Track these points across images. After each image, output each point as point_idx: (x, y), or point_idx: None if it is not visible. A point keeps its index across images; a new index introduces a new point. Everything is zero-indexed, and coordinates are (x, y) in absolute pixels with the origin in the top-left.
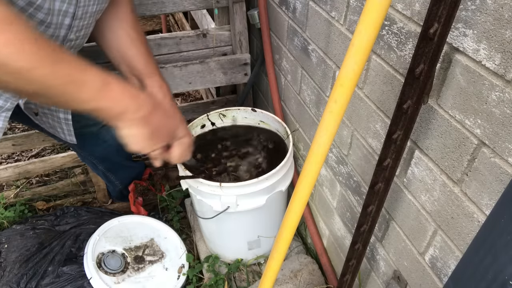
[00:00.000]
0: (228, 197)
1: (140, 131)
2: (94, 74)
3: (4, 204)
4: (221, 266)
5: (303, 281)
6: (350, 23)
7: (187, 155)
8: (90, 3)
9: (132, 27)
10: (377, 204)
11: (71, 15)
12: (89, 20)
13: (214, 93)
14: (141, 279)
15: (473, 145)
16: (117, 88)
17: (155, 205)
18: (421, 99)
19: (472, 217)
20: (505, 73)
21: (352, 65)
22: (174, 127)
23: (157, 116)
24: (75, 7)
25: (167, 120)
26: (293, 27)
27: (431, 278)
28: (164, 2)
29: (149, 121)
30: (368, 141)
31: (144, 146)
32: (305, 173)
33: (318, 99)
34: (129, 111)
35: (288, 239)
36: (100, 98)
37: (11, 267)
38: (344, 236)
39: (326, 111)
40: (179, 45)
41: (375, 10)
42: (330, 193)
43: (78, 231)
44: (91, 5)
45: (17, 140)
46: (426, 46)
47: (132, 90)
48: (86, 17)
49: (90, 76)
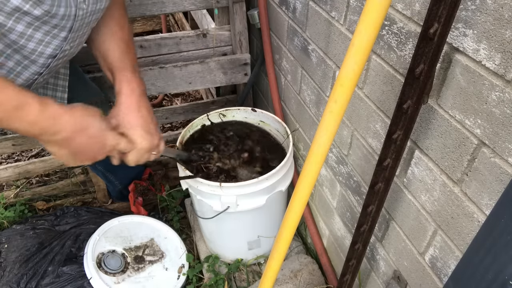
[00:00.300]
0: (228, 197)
1: (60, 152)
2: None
3: (4, 204)
4: (221, 266)
5: (303, 281)
6: (350, 23)
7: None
8: (87, 15)
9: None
10: (377, 204)
11: (68, 29)
12: (84, 30)
13: (214, 93)
14: (141, 279)
15: (473, 145)
16: (34, 111)
17: (155, 205)
18: (421, 99)
19: (472, 217)
20: (505, 73)
21: (352, 65)
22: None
23: (78, 140)
24: (73, 21)
25: (92, 143)
26: (293, 27)
27: (431, 278)
28: (164, 2)
29: (69, 144)
30: (368, 141)
31: (67, 162)
32: (305, 173)
33: (318, 99)
34: (46, 133)
35: (288, 239)
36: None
37: (11, 267)
38: (344, 236)
39: (326, 111)
40: (179, 45)
41: (375, 10)
42: (330, 193)
43: (78, 231)
44: (87, 16)
45: (17, 140)
46: (426, 46)
47: (54, 112)
48: (83, 28)
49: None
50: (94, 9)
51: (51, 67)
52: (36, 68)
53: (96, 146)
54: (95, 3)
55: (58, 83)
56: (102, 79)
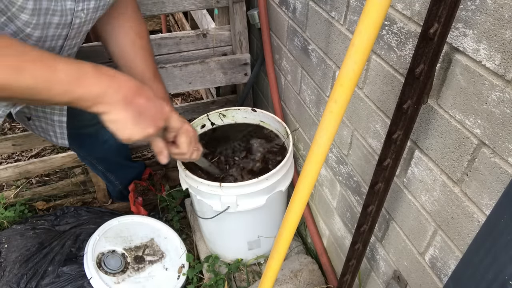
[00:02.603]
0: (228, 197)
1: (124, 115)
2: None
3: (4, 204)
4: (221, 266)
5: (303, 281)
6: (350, 23)
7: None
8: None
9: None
10: (377, 204)
11: (63, 37)
12: (82, 37)
13: (214, 93)
14: (141, 279)
15: (473, 145)
16: (93, 73)
17: (155, 205)
18: (421, 99)
19: (472, 217)
20: (505, 73)
21: (352, 65)
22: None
23: (140, 98)
24: (69, 29)
25: (152, 103)
26: (293, 27)
27: (431, 278)
28: (164, 2)
29: (132, 101)
30: (368, 141)
31: (132, 131)
32: (305, 173)
33: (318, 99)
34: (107, 93)
35: (288, 239)
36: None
37: (11, 267)
38: (344, 236)
39: (326, 111)
40: (179, 45)
41: (375, 10)
42: (330, 193)
43: (78, 231)
44: (85, 25)
45: (17, 140)
46: (426, 46)
47: (110, 72)
48: (80, 35)
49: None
50: (93, 18)
51: None
52: None
53: (154, 109)
54: (94, 12)
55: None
56: None
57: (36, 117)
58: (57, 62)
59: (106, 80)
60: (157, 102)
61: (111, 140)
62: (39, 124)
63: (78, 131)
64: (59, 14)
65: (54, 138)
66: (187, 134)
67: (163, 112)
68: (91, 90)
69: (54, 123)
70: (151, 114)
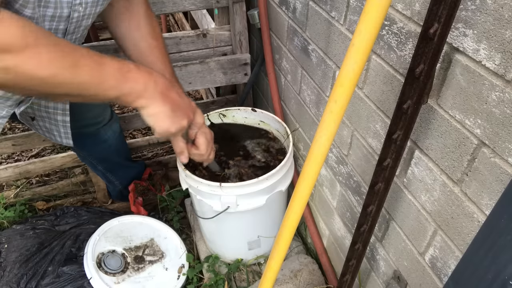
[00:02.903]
0: (228, 197)
1: (162, 108)
2: (112, 63)
3: (4, 204)
4: (221, 266)
5: (303, 281)
6: (350, 23)
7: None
8: (84, 17)
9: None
10: (377, 204)
11: (62, 32)
12: (82, 33)
13: (214, 93)
14: (141, 279)
15: (473, 145)
16: (135, 69)
17: (155, 205)
18: (421, 99)
19: (472, 217)
20: (505, 73)
21: (352, 65)
22: (190, 104)
23: (173, 93)
24: (67, 23)
25: (182, 97)
26: (293, 27)
27: (431, 278)
28: (164, 2)
29: (168, 96)
30: (368, 141)
31: (169, 123)
32: (305, 173)
33: (318, 99)
34: (149, 87)
35: (288, 239)
36: (122, 83)
37: (11, 267)
38: (344, 236)
39: (326, 111)
40: (179, 45)
41: (375, 10)
42: (330, 193)
43: (78, 231)
44: (84, 19)
45: (17, 140)
46: (426, 46)
47: (147, 68)
48: (79, 31)
49: (109, 67)
50: (92, 12)
51: None
52: None
53: (185, 103)
54: (93, 6)
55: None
56: None
57: (40, 117)
58: (103, 57)
59: (146, 76)
60: (185, 97)
61: (110, 140)
62: (43, 124)
63: (80, 131)
64: (52, 6)
65: (59, 137)
66: (205, 136)
67: (192, 106)
68: (136, 85)
69: (58, 123)
70: (184, 107)
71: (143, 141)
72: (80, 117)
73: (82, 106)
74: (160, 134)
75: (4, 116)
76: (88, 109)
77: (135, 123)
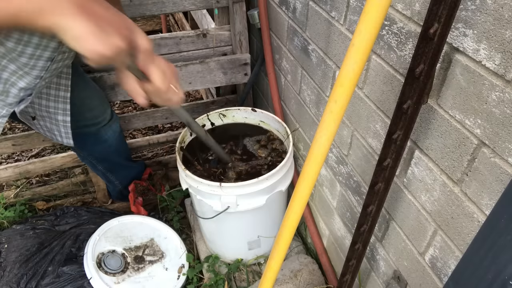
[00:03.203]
0: (228, 197)
1: (84, 24)
2: None
3: (4, 204)
4: (221, 266)
5: (303, 281)
6: (350, 23)
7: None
8: None
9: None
10: (377, 204)
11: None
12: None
13: (214, 93)
14: (141, 279)
15: (473, 145)
16: None
17: (155, 205)
18: (421, 99)
19: (472, 217)
20: (505, 73)
21: (352, 65)
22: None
23: (94, 8)
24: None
25: (111, 11)
26: (293, 27)
27: (431, 278)
28: (164, 2)
29: (89, 8)
30: (368, 141)
31: (97, 43)
32: (305, 173)
33: (318, 99)
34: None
35: (288, 239)
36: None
37: (11, 267)
38: (344, 236)
39: (326, 111)
40: (179, 45)
41: (375, 10)
42: (330, 193)
43: (78, 231)
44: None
45: (17, 140)
46: (426, 46)
47: None
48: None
49: None
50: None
51: (50, 69)
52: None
53: (115, 18)
54: None
55: (61, 82)
56: (102, 79)
57: (41, 116)
58: None
59: None
60: (116, 12)
61: (111, 140)
62: (43, 123)
63: (80, 131)
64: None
65: (60, 137)
66: (159, 66)
67: (127, 22)
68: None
69: (59, 123)
70: (114, 22)
71: (143, 141)
72: (81, 117)
73: (82, 106)
74: (93, 60)
75: (4, 115)
76: (88, 109)
77: (135, 123)
